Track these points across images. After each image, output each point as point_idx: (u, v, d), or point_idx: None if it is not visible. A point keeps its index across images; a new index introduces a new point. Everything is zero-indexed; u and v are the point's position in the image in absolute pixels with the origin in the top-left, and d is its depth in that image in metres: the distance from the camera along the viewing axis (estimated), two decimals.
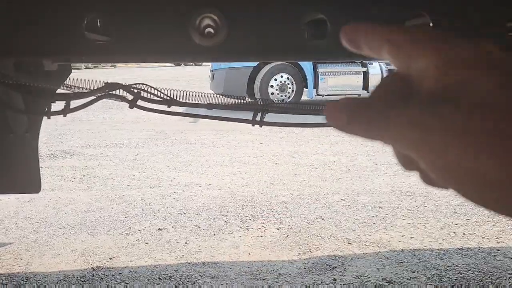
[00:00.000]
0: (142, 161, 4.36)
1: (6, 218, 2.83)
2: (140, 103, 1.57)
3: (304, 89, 7.95)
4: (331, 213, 2.89)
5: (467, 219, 2.76)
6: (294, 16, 0.70)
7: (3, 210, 2.97)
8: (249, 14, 0.67)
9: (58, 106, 1.52)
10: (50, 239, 2.50)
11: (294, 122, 1.63)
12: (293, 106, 1.48)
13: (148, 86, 1.57)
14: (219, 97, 1.64)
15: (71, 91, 1.38)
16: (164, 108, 1.60)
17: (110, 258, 2.27)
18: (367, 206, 3.02)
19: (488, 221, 2.72)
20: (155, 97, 1.56)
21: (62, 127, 5.99)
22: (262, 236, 2.55)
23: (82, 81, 1.44)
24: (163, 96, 1.57)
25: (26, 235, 2.56)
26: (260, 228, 2.66)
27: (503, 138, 0.22)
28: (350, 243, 2.43)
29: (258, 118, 1.62)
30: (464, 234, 2.54)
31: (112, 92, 1.52)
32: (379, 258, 2.25)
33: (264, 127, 1.61)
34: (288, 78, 7.76)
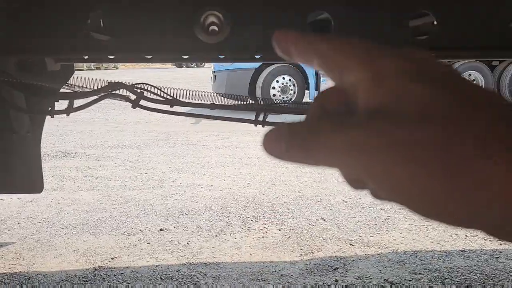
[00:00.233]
0: (144, 162, 4.36)
1: (8, 218, 2.83)
2: (143, 103, 1.57)
3: (306, 91, 7.95)
4: (333, 214, 2.89)
5: None
6: (299, 15, 0.70)
7: (6, 210, 2.97)
8: (253, 11, 0.68)
9: (61, 105, 1.53)
10: (52, 239, 2.50)
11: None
12: (295, 106, 1.48)
13: (151, 86, 1.58)
14: (221, 97, 1.64)
15: (75, 90, 1.38)
16: (167, 108, 1.61)
17: (112, 258, 2.27)
18: (369, 207, 3.01)
19: None
20: (158, 97, 1.57)
21: (64, 127, 6.01)
22: (264, 237, 2.54)
23: (84, 79, 1.45)
24: (166, 96, 1.57)
25: (28, 235, 2.56)
26: (261, 229, 2.66)
27: (444, 150, 0.21)
28: (352, 245, 2.42)
29: (261, 118, 1.62)
30: (466, 236, 2.54)
31: (115, 92, 1.53)
32: (381, 259, 2.25)
33: (266, 128, 1.61)
34: (290, 80, 7.76)
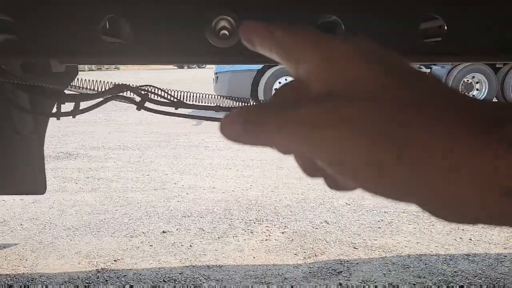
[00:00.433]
0: (146, 163, 4.36)
1: (11, 219, 2.83)
2: (147, 104, 1.57)
3: None
4: (336, 217, 2.88)
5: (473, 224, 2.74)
6: (308, 18, 0.70)
7: (8, 211, 2.97)
8: (263, 16, 0.67)
9: (66, 107, 1.53)
10: (55, 241, 2.50)
11: None
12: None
13: (156, 88, 1.57)
14: (225, 99, 1.63)
15: (80, 92, 1.38)
16: (172, 110, 1.60)
17: (115, 260, 2.26)
18: (373, 210, 3.00)
19: (495, 227, 2.70)
20: (162, 99, 1.56)
21: (66, 128, 6.00)
22: (267, 239, 2.54)
23: (90, 81, 1.44)
24: (171, 98, 1.57)
25: (31, 236, 2.56)
26: (264, 232, 2.65)
27: (396, 126, 0.22)
28: (356, 248, 2.41)
29: None
30: (470, 240, 2.52)
31: (120, 94, 1.52)
32: (385, 263, 2.24)
33: None
34: None
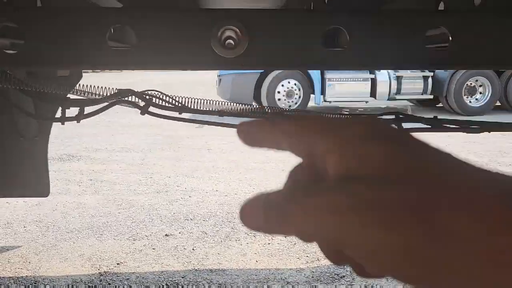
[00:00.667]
0: (148, 166, 4.37)
1: (14, 222, 2.84)
2: (151, 109, 1.57)
3: (311, 95, 7.94)
4: None
5: None
6: (313, 27, 0.70)
7: (12, 213, 2.98)
8: (269, 26, 0.68)
9: (70, 111, 1.53)
10: (58, 243, 2.51)
11: None
12: (303, 114, 1.48)
13: (160, 93, 1.58)
14: (229, 104, 1.64)
15: (86, 97, 1.39)
16: (175, 114, 1.61)
17: (118, 263, 2.27)
18: None
19: None
20: (166, 103, 1.57)
21: (69, 130, 6.02)
22: (269, 243, 2.54)
23: (95, 87, 1.45)
24: (175, 103, 1.58)
25: (34, 239, 2.57)
26: (267, 236, 2.65)
27: (427, 210, 0.21)
28: None
29: None
30: None
31: (125, 98, 1.53)
32: None
33: None
34: (295, 84, 7.76)
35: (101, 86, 1.45)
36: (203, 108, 1.56)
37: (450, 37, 0.70)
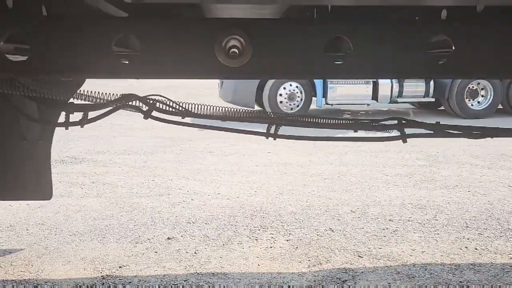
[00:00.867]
0: (150, 168, 4.37)
1: (17, 224, 2.85)
2: (154, 113, 1.58)
3: (313, 98, 7.94)
4: (341, 225, 2.87)
5: (479, 233, 2.73)
6: (317, 36, 0.71)
7: (15, 215, 2.99)
8: (273, 36, 0.68)
9: (74, 115, 1.54)
10: (61, 246, 2.51)
11: (308, 136, 1.63)
12: (307, 119, 1.48)
13: (163, 98, 1.58)
14: (230, 109, 1.64)
15: (89, 102, 1.39)
16: (178, 119, 1.61)
17: (120, 267, 2.27)
18: (377, 218, 3.00)
19: (501, 236, 2.69)
20: (169, 108, 1.57)
21: (71, 133, 6.03)
22: (271, 247, 2.54)
23: (98, 93, 1.46)
24: (178, 107, 1.58)
25: (37, 242, 2.57)
26: (269, 239, 2.65)
27: None
28: (361, 256, 2.41)
29: (272, 130, 1.62)
30: (476, 249, 2.51)
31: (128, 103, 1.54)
32: (390, 272, 2.23)
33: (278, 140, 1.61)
34: (297, 87, 7.76)
35: (104, 92, 1.46)
36: (206, 113, 1.57)
37: (453, 46, 0.70)
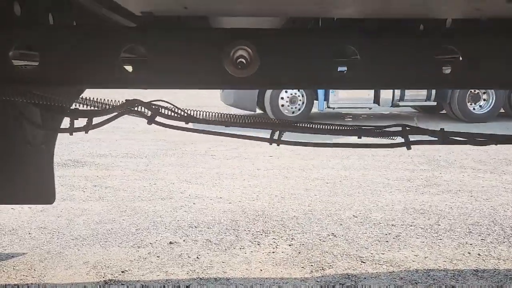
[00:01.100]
0: (152, 172, 4.37)
1: (19, 228, 2.85)
2: (158, 119, 1.58)
3: (315, 101, 7.95)
4: (343, 229, 2.87)
5: (482, 239, 2.73)
6: (324, 47, 0.71)
7: (17, 219, 2.99)
8: (280, 46, 0.68)
9: (78, 121, 1.54)
10: (63, 250, 2.51)
11: (312, 142, 1.63)
12: (311, 125, 1.48)
13: (166, 103, 1.59)
14: (236, 115, 1.64)
15: (93, 108, 1.40)
16: (182, 124, 1.61)
17: (122, 271, 2.27)
18: (380, 223, 2.99)
19: (504, 242, 2.68)
20: (173, 113, 1.58)
21: (74, 136, 6.04)
22: (273, 252, 2.53)
23: (102, 100, 1.46)
24: (181, 112, 1.58)
25: (39, 246, 2.57)
26: (271, 244, 2.65)
27: None
28: (363, 262, 2.40)
29: (276, 136, 1.62)
30: (479, 255, 2.50)
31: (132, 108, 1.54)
32: (393, 278, 2.22)
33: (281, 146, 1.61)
34: (298, 90, 7.76)
35: (109, 99, 1.46)
36: (210, 118, 1.57)
37: (460, 57, 0.70)
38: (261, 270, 2.30)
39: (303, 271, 2.29)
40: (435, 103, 8.30)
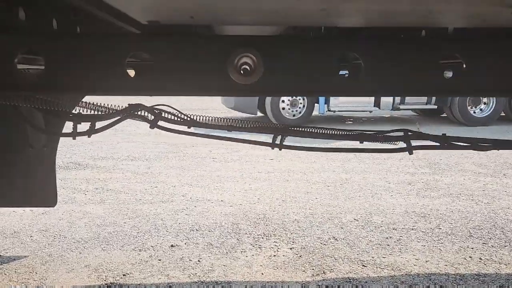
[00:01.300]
0: (154, 175, 4.38)
1: (21, 231, 2.85)
2: (160, 123, 1.59)
3: (316, 104, 7.96)
4: (344, 233, 2.87)
5: (483, 243, 2.72)
6: (328, 54, 0.72)
7: (19, 222, 3.00)
8: (285, 53, 0.69)
9: (81, 125, 1.55)
10: (65, 253, 2.51)
11: (314, 147, 1.63)
12: (313, 130, 1.49)
13: (169, 107, 1.59)
14: (238, 120, 1.65)
15: (96, 112, 1.40)
16: (184, 129, 1.62)
17: (124, 275, 2.27)
18: (381, 227, 2.99)
19: (506, 246, 2.68)
20: (175, 118, 1.58)
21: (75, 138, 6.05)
22: (275, 255, 2.53)
23: (104, 105, 1.47)
24: (184, 117, 1.59)
25: (40, 249, 2.58)
26: (272, 247, 2.65)
27: None
28: (365, 266, 2.40)
29: (277, 140, 1.63)
30: (480, 259, 2.50)
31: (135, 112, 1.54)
32: (394, 281, 2.22)
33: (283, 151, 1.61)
34: None
35: (111, 103, 1.47)
36: (212, 123, 1.57)
37: (464, 64, 0.71)
38: (262, 274, 2.30)
39: (304, 275, 2.29)
40: (435, 107, 8.31)
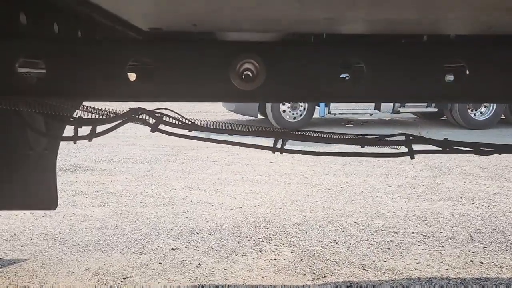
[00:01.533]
0: (154, 177, 4.38)
1: (21, 234, 2.85)
2: (161, 126, 1.59)
3: (316, 107, 7.96)
4: (345, 237, 2.86)
5: (484, 247, 2.72)
6: (330, 60, 0.72)
7: (19, 225, 2.99)
8: (287, 59, 0.69)
9: (82, 129, 1.55)
10: (65, 257, 2.51)
11: (315, 151, 1.63)
12: (314, 134, 1.49)
13: (170, 111, 1.59)
14: (239, 124, 1.65)
15: (97, 116, 1.40)
16: (185, 132, 1.62)
17: (124, 278, 2.27)
18: (382, 230, 2.99)
19: (507, 250, 2.67)
20: (176, 121, 1.58)
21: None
22: (275, 259, 2.53)
23: (106, 110, 1.47)
24: (185, 120, 1.59)
25: (41, 252, 2.57)
26: (273, 251, 2.64)
27: None
28: (365, 269, 2.40)
29: (279, 144, 1.63)
30: (481, 263, 2.50)
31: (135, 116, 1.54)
32: (395, 286, 2.22)
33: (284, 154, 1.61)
34: None
35: (112, 107, 1.47)
36: (212, 127, 1.58)
37: (467, 70, 0.71)
38: (263, 278, 2.30)
39: (305, 279, 2.29)
40: (436, 110, 8.31)
